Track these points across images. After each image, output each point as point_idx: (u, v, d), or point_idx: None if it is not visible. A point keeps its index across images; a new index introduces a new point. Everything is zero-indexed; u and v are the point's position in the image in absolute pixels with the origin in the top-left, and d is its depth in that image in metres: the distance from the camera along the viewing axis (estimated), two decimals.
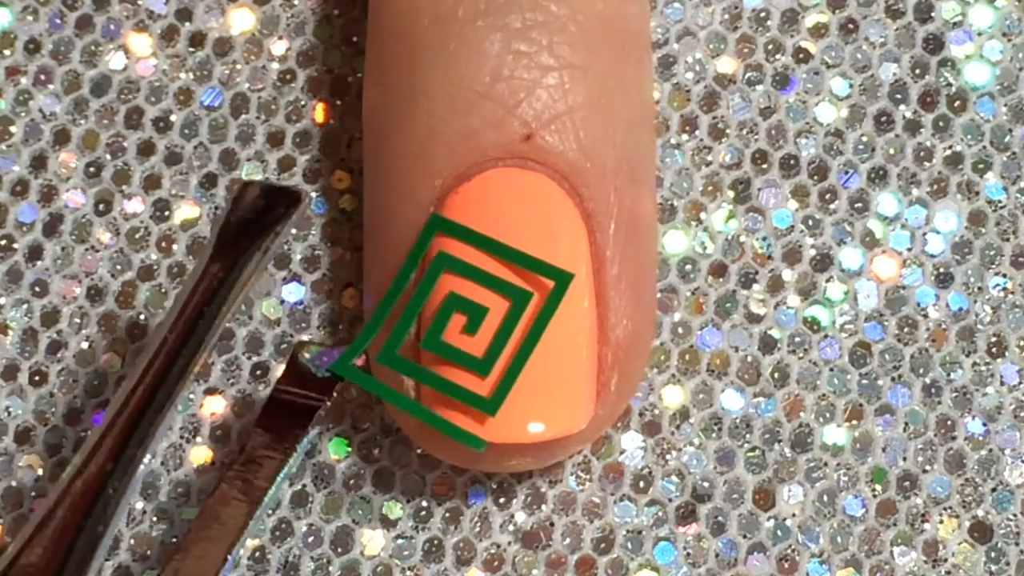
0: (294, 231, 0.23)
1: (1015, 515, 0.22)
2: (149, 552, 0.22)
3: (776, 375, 0.22)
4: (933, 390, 0.22)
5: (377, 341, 0.20)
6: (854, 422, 0.22)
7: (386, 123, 0.21)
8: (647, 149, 0.22)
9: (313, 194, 0.23)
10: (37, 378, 0.23)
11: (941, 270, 0.23)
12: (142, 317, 0.23)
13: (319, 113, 0.24)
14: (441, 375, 0.20)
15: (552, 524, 0.22)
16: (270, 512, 0.22)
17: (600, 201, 0.20)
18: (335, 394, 0.20)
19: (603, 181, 0.20)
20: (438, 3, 0.20)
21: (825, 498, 0.22)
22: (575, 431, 0.20)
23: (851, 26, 0.24)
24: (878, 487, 0.22)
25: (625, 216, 0.20)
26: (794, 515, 0.22)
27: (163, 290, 0.23)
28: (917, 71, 0.23)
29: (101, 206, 0.23)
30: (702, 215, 0.23)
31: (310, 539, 0.22)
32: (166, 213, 0.23)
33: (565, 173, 0.20)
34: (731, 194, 0.23)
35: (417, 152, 0.20)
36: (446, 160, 0.20)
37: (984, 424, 0.22)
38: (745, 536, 0.22)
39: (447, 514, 0.22)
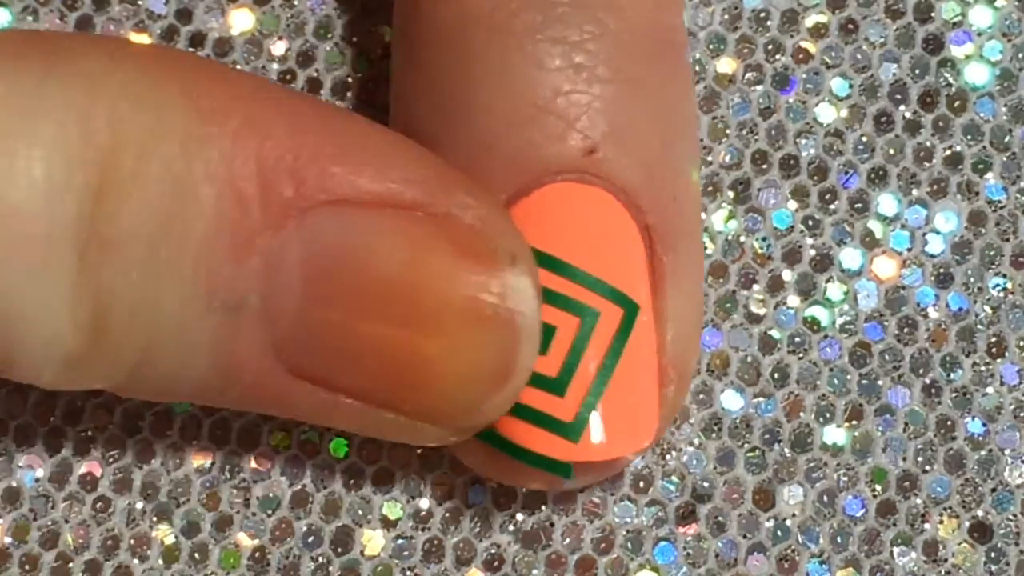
0: None
1: (1015, 515, 0.22)
2: (149, 552, 0.22)
3: (776, 375, 0.22)
4: (933, 390, 0.22)
5: None
6: (854, 422, 0.22)
7: (437, 137, 0.20)
8: (694, 159, 0.22)
9: None
10: None
11: (941, 270, 0.23)
12: None
13: None
14: (520, 400, 0.19)
15: (552, 524, 0.22)
16: (270, 512, 0.22)
17: (659, 215, 0.20)
18: None
19: (661, 194, 0.20)
20: (493, 15, 0.20)
21: (825, 498, 0.22)
22: (645, 446, 0.20)
23: (851, 26, 0.24)
24: (878, 487, 0.22)
25: (681, 228, 0.20)
26: (794, 515, 0.22)
27: None
28: (917, 71, 0.23)
29: None
30: (702, 215, 0.23)
31: (310, 539, 0.22)
32: None
33: (625, 187, 0.20)
34: (731, 194, 0.23)
35: (474, 168, 0.20)
36: (505, 175, 0.20)
37: (984, 424, 0.22)
38: (745, 536, 0.22)
39: (447, 514, 0.22)
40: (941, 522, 0.22)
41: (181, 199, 0.17)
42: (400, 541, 0.22)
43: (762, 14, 0.24)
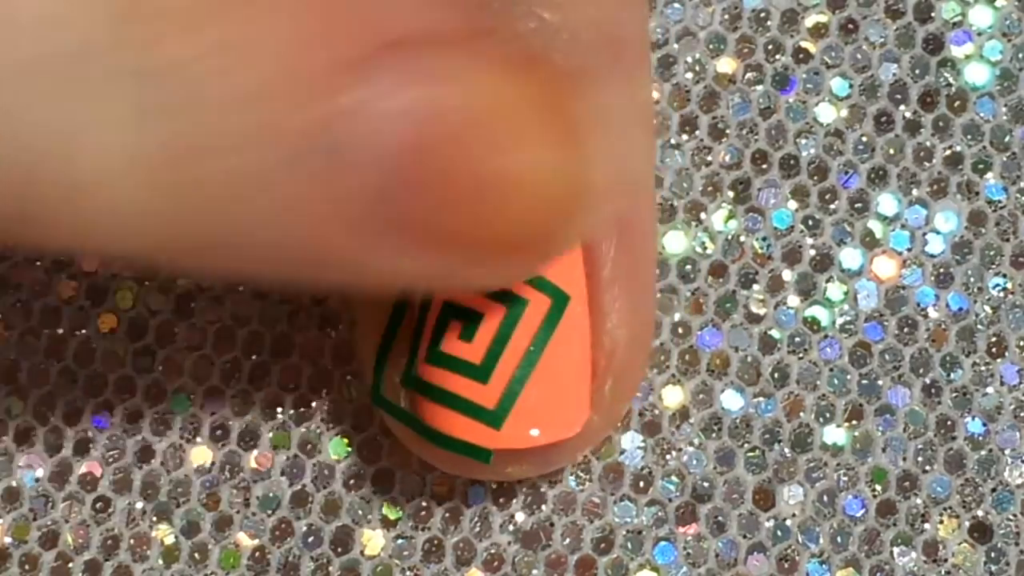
0: None
1: (1015, 515, 0.22)
2: (149, 552, 0.22)
3: (776, 375, 0.22)
4: (933, 390, 0.22)
5: (395, 363, 0.20)
6: (854, 422, 0.22)
7: None
8: (644, 156, 0.22)
9: None
10: (37, 378, 0.23)
11: (941, 270, 0.23)
12: (142, 316, 0.23)
13: None
14: (444, 387, 0.20)
15: (552, 524, 0.22)
16: (270, 512, 0.22)
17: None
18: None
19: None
20: None
21: (825, 498, 0.22)
22: (568, 435, 0.20)
23: (851, 26, 0.24)
24: (878, 487, 0.22)
25: (620, 219, 0.20)
26: (794, 515, 0.22)
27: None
28: (917, 71, 0.23)
29: None
30: (702, 215, 0.23)
31: (310, 539, 0.22)
32: None
33: None
34: (731, 194, 0.23)
35: None
36: None
37: (984, 424, 0.22)
38: (745, 536, 0.22)
39: (447, 514, 0.22)
40: (941, 522, 0.22)
41: (247, 36, 0.16)
42: (400, 541, 0.22)
43: (762, 14, 0.24)
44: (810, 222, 0.23)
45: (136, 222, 0.16)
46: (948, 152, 0.23)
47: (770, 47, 0.24)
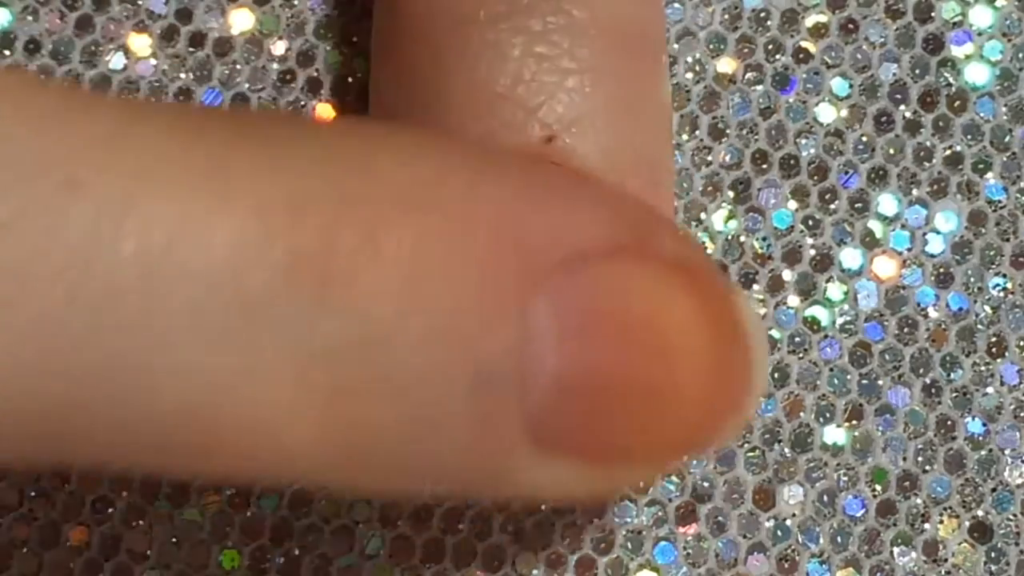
0: None
1: (1015, 515, 0.22)
2: (149, 552, 0.22)
3: (776, 375, 0.22)
4: (933, 390, 0.22)
5: None
6: (854, 422, 0.22)
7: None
8: (665, 152, 0.22)
9: None
10: None
11: (941, 270, 0.23)
12: None
13: (319, 113, 0.24)
14: None
15: (552, 524, 0.22)
16: (270, 512, 0.22)
17: None
18: None
19: (623, 184, 0.20)
20: (458, 6, 0.20)
21: (825, 498, 0.22)
22: None
23: (851, 26, 0.24)
24: (878, 487, 0.22)
25: None
26: (794, 515, 0.22)
27: None
28: (917, 71, 0.23)
29: None
30: (702, 215, 0.23)
31: (310, 539, 0.22)
32: None
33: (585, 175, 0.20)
34: (731, 194, 0.23)
35: None
36: None
37: (984, 424, 0.22)
38: (745, 536, 0.22)
39: (447, 514, 0.22)
40: (941, 522, 0.22)
41: (421, 270, 0.16)
42: (400, 541, 0.22)
43: (762, 14, 0.24)
44: (810, 222, 0.23)
45: (304, 462, 0.16)
46: (948, 152, 0.23)
47: (770, 47, 0.24)
